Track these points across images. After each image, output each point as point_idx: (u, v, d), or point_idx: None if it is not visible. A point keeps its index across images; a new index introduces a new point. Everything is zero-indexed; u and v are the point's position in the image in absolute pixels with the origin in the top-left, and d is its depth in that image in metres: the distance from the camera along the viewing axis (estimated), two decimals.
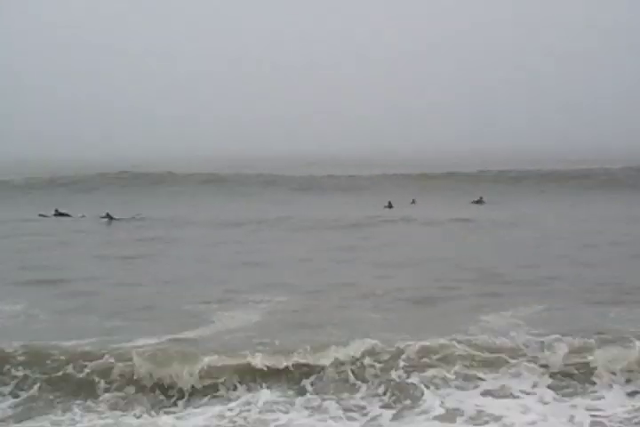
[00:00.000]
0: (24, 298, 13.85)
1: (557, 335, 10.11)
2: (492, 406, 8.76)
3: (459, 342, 9.99)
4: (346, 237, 23.78)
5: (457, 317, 12.00)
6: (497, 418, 8.51)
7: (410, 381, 9.32)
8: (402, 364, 9.60)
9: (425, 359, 9.66)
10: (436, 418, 8.55)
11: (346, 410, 8.85)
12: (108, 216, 30.26)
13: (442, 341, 9.98)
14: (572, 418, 8.46)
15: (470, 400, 8.90)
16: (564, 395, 9.09)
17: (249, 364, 9.64)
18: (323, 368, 9.59)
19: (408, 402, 8.96)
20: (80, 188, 48.67)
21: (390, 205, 35.19)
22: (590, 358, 9.66)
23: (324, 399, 9.09)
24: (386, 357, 9.75)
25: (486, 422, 8.41)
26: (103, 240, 23.98)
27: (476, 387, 9.23)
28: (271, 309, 12.97)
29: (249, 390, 9.37)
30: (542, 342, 9.98)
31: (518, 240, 22.15)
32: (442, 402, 8.87)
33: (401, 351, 9.77)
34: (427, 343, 9.91)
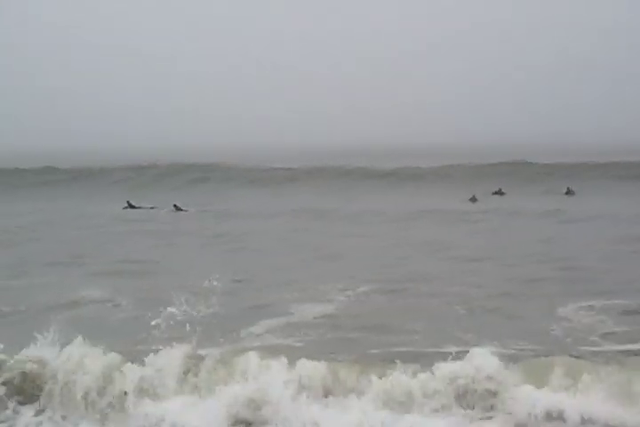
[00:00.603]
0: (109, 286, 14.71)
1: None
2: None
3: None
4: (429, 230, 24.04)
5: (540, 315, 12.04)
6: None
7: None
8: None
9: None
10: None
11: None
12: (176, 207, 31.97)
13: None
14: None
15: None
16: None
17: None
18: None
19: None
20: (112, 179, 49.47)
21: (475, 199, 35.14)
22: None
23: None
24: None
25: None
26: (177, 231, 25.04)
27: None
28: (350, 302, 13.34)
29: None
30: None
31: (609, 234, 21.97)
32: None
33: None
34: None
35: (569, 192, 37.19)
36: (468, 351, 8.31)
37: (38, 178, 49.34)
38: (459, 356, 8.22)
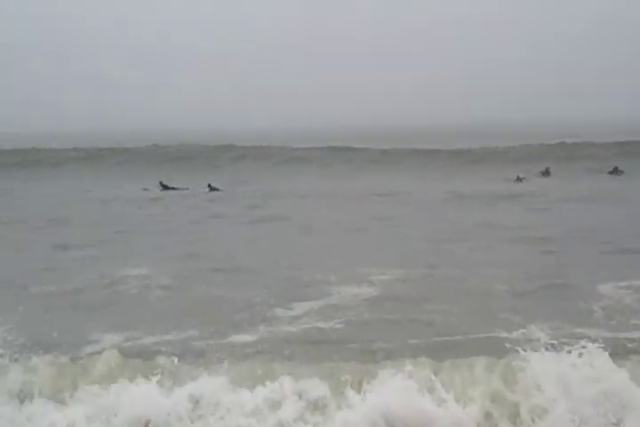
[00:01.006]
0: (150, 266, 15.08)
1: None
2: None
3: None
4: (472, 211, 23.92)
5: (582, 297, 12.05)
6: None
7: None
8: None
9: None
10: None
11: None
12: (210, 187, 32.47)
13: None
14: None
15: None
16: None
17: None
18: None
19: None
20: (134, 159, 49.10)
21: (519, 179, 34.91)
22: None
23: None
24: None
25: None
26: (213, 211, 25.40)
27: None
28: (391, 284, 13.42)
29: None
30: None
31: None
32: None
33: None
34: None
35: (615, 171, 36.72)
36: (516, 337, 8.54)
37: (60, 156, 49.40)
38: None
